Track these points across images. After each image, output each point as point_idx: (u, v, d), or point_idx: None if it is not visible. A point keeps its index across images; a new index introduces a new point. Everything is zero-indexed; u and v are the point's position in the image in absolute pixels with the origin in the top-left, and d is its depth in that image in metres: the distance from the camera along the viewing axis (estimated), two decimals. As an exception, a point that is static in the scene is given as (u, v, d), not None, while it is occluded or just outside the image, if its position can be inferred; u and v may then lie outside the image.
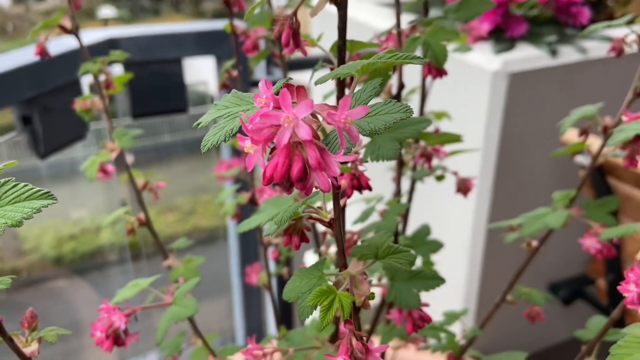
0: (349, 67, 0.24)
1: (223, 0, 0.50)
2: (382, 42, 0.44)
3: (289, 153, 0.18)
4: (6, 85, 0.66)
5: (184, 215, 9.10)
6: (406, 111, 0.23)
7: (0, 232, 0.23)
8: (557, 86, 0.87)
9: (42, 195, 0.24)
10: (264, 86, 0.19)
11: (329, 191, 0.19)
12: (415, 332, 0.38)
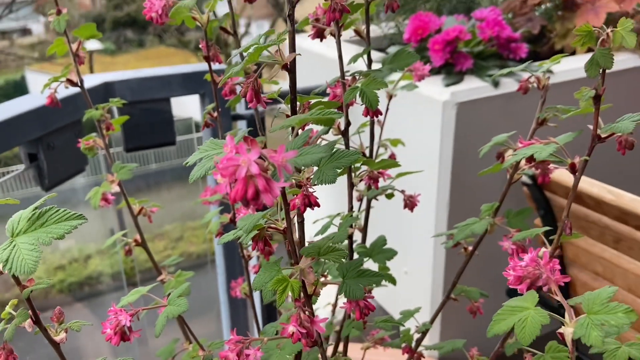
0: (291, 121, 0.35)
1: (203, 56, 0.61)
2: (332, 89, 0.55)
3: (245, 182, 0.28)
4: (16, 128, 0.76)
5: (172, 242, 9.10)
6: (325, 151, 0.33)
7: (49, 242, 0.33)
8: (499, 113, 0.99)
9: (76, 216, 0.34)
10: (229, 139, 0.29)
11: (272, 206, 0.29)
12: (362, 318, 0.48)
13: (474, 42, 1.04)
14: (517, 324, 0.37)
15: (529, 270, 0.41)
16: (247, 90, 0.40)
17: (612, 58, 0.45)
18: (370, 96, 0.48)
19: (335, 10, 0.42)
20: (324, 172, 0.41)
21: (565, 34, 1.19)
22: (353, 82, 0.52)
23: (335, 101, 0.49)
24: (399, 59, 0.56)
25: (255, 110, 0.62)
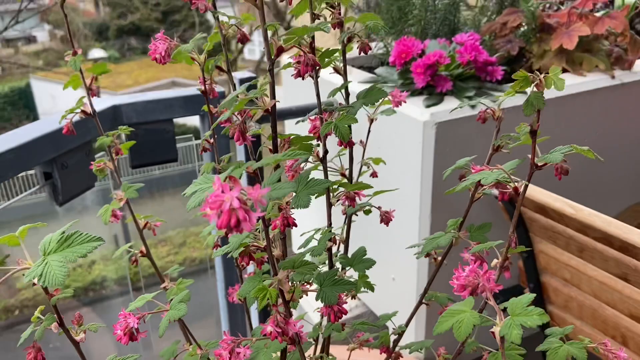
0: (268, 160, 0.43)
1: (200, 90, 0.69)
2: (312, 121, 0.63)
3: (229, 214, 0.36)
4: (34, 150, 0.84)
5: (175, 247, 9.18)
6: (292, 186, 0.42)
7: (74, 260, 0.41)
8: (476, 131, 1.07)
9: (96, 239, 0.42)
10: (217, 179, 0.37)
11: (250, 231, 0.37)
12: (336, 321, 0.56)
13: (453, 65, 1.12)
14: (455, 325, 0.45)
15: (470, 280, 0.49)
16: (234, 132, 0.48)
17: (543, 100, 0.53)
18: (342, 130, 0.57)
19: (308, 65, 0.50)
20: (300, 198, 0.49)
21: (542, 54, 1.28)
22: (330, 116, 0.60)
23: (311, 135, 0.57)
24: (371, 95, 0.64)
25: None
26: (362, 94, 0.66)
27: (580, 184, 1.26)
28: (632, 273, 0.84)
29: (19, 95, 14.04)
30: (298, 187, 0.49)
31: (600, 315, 0.97)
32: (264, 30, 0.47)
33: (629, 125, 1.26)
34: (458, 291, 0.50)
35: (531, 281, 1.09)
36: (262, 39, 0.55)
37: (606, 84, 1.19)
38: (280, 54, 0.48)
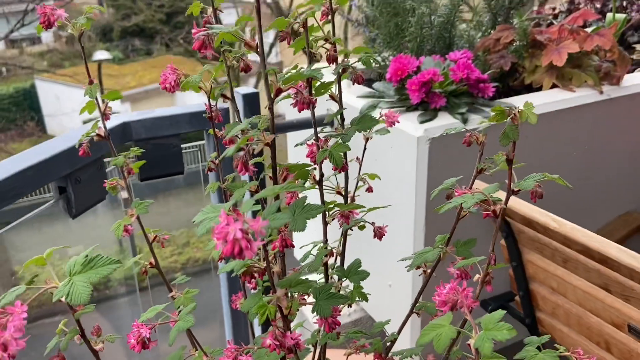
0: (266, 192, 0.48)
1: (207, 116, 0.75)
2: (309, 146, 0.68)
3: (233, 243, 0.41)
4: (50, 167, 0.90)
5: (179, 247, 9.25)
6: (288, 217, 0.47)
7: (96, 280, 0.47)
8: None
9: (115, 261, 0.47)
10: (223, 213, 0.43)
11: (251, 258, 0.43)
12: (330, 332, 0.61)
13: (447, 82, 1.17)
14: (435, 338, 0.50)
15: (450, 297, 0.54)
16: (237, 163, 0.53)
17: (518, 132, 0.59)
18: (336, 158, 0.62)
19: (304, 103, 0.55)
20: (297, 222, 0.54)
21: (534, 70, 1.33)
22: (325, 144, 0.66)
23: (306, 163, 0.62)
24: (364, 122, 0.69)
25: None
26: (356, 121, 0.71)
27: (572, 194, 1.31)
28: (612, 283, 0.89)
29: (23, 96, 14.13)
30: (295, 212, 0.55)
31: (585, 323, 1.02)
32: (264, 74, 0.53)
33: (618, 138, 1.31)
34: (439, 307, 0.55)
35: (521, 289, 1.14)
36: (265, 40, 0.60)
37: (595, 99, 1.24)
38: (279, 94, 0.53)
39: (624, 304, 0.90)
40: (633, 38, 1.68)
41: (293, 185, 0.48)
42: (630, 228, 1.39)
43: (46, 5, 0.66)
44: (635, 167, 1.37)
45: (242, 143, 0.51)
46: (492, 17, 1.40)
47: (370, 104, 1.23)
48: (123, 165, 0.78)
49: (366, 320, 1.46)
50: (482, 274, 0.66)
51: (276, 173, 0.55)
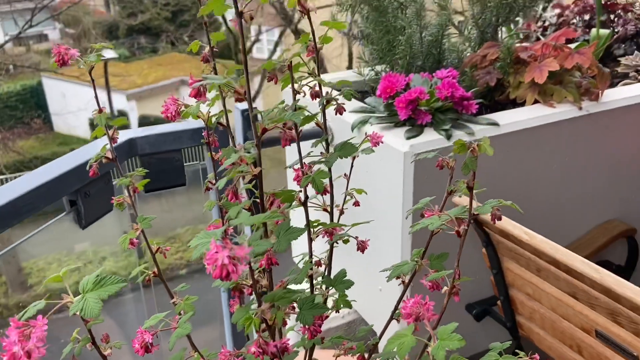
0: (253, 219, 0.56)
1: (205, 142, 0.83)
2: (295, 170, 0.76)
3: (221, 267, 0.49)
4: (63, 183, 0.98)
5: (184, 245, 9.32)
6: (269, 244, 0.55)
7: (106, 297, 0.54)
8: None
9: (121, 280, 0.55)
10: (213, 242, 0.50)
11: (237, 279, 0.50)
12: (312, 338, 0.69)
13: (433, 99, 1.24)
14: (398, 346, 0.58)
15: (414, 309, 0.62)
16: (228, 193, 0.61)
17: (476, 163, 0.66)
18: (318, 183, 0.70)
19: (287, 140, 0.63)
20: (281, 243, 0.62)
21: (518, 86, 1.40)
22: (309, 170, 0.73)
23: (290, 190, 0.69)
24: (345, 149, 0.76)
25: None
26: (338, 147, 0.78)
27: (555, 203, 1.38)
28: (579, 292, 0.97)
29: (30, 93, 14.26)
30: (280, 234, 0.62)
31: (558, 327, 1.09)
32: (252, 114, 0.60)
33: (597, 151, 1.38)
34: (405, 318, 0.63)
35: (501, 294, 1.22)
36: (270, 39, 0.67)
37: (574, 115, 1.31)
38: (265, 133, 0.61)
39: (590, 311, 0.97)
40: (619, 51, 1.75)
41: (276, 215, 0.56)
42: (610, 235, 1.46)
43: (61, 45, 0.74)
44: (614, 178, 1.44)
45: (232, 176, 0.59)
46: (479, 34, 1.47)
47: (361, 119, 1.31)
48: (129, 184, 0.86)
49: (359, 322, 1.54)
50: (449, 285, 0.73)
51: (263, 202, 0.63)
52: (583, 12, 1.79)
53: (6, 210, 0.87)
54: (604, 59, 1.76)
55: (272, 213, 0.56)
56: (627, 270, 1.56)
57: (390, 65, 1.50)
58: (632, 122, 1.38)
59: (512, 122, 1.25)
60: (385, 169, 1.23)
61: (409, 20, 1.37)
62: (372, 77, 1.55)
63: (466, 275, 1.25)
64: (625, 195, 1.47)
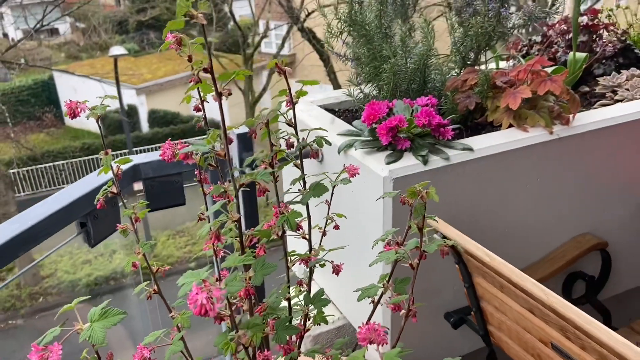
0: (232, 261, 0.67)
1: (197, 180, 0.94)
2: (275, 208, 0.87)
3: (200, 306, 0.61)
4: (74, 209, 1.10)
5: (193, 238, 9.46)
6: (242, 285, 0.66)
7: (110, 327, 0.66)
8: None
9: (123, 312, 0.67)
10: (194, 285, 0.62)
11: (214, 315, 0.62)
12: (286, 355, 0.81)
13: (412, 126, 1.35)
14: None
15: (367, 334, 0.73)
16: (211, 235, 0.72)
17: (424, 208, 0.77)
18: (291, 222, 0.81)
19: (261, 191, 0.74)
20: (257, 277, 0.74)
21: (495, 110, 1.50)
22: (286, 209, 0.85)
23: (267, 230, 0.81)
24: (317, 190, 0.88)
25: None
26: (312, 187, 0.90)
27: (529, 218, 1.49)
28: (534, 309, 1.07)
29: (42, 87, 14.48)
30: (256, 269, 0.74)
31: (522, 338, 1.20)
32: (231, 173, 0.72)
33: (567, 172, 1.47)
34: (360, 342, 0.74)
35: (474, 306, 1.33)
36: (278, 33, 0.76)
37: (545, 139, 1.41)
38: (242, 186, 0.72)
39: (545, 325, 1.08)
40: (599, 70, 1.84)
41: (249, 259, 0.67)
42: (582, 249, 1.56)
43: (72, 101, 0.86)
44: (586, 195, 1.54)
45: (215, 225, 0.70)
46: (461, 59, 1.57)
47: (347, 143, 1.43)
48: (131, 215, 0.98)
49: (347, 328, 1.66)
50: (405, 309, 0.84)
51: (243, 244, 0.75)
52: (566, 32, 1.87)
53: (25, 236, 0.99)
54: (585, 77, 1.86)
55: (245, 257, 0.68)
56: (601, 281, 1.66)
57: (378, 89, 1.60)
58: (601, 145, 1.48)
59: (485, 147, 1.36)
60: (368, 190, 1.34)
61: (393, 50, 1.47)
62: (361, 98, 1.66)
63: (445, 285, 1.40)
64: (597, 211, 1.57)
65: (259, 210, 1.53)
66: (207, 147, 0.72)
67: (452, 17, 1.57)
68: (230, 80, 0.69)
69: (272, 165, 0.80)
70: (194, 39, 0.84)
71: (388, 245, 0.85)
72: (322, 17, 1.60)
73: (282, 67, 0.81)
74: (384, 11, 1.50)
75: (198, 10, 0.58)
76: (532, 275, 1.04)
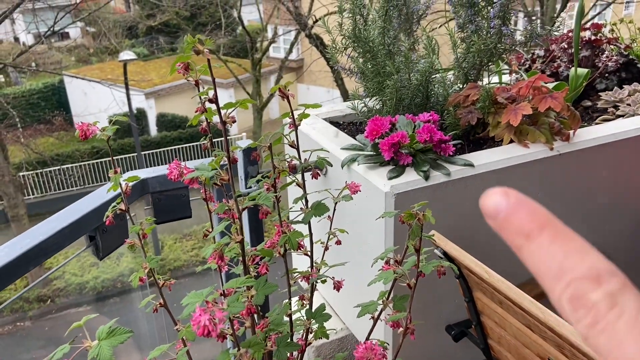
0: (231, 284, 0.70)
1: (202, 198, 0.97)
2: (276, 226, 0.90)
3: (203, 327, 0.64)
4: (84, 223, 1.14)
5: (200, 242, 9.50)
6: (242, 307, 0.69)
7: (117, 345, 0.69)
8: (429, 200, 1.32)
9: (128, 331, 0.70)
10: (198, 308, 0.65)
11: (216, 335, 0.65)
12: (287, 370, 0.83)
13: (414, 142, 1.37)
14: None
15: (365, 354, 0.76)
16: (214, 255, 0.75)
17: (421, 231, 0.79)
18: (293, 242, 0.84)
19: (264, 213, 0.77)
20: (258, 296, 0.76)
21: (496, 125, 1.52)
22: (288, 228, 0.87)
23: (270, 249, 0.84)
24: (319, 209, 0.90)
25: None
26: (314, 206, 0.93)
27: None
28: (532, 325, 1.09)
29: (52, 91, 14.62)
30: (258, 287, 0.77)
31: (521, 353, 1.22)
32: (234, 197, 0.74)
33: (567, 188, 1.49)
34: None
35: (474, 320, 1.35)
36: (286, 37, 0.79)
37: (545, 155, 1.43)
38: (245, 209, 0.75)
39: (543, 342, 1.10)
40: (601, 85, 1.85)
41: (250, 281, 0.70)
42: (583, 262, 1.58)
43: (83, 123, 0.89)
44: (585, 210, 1.55)
45: (218, 246, 0.73)
46: (463, 75, 1.59)
47: (350, 157, 1.46)
48: (139, 231, 1.01)
49: (350, 337, 1.68)
50: (403, 328, 0.87)
51: (246, 261, 0.77)
52: (568, 47, 1.89)
53: (36, 251, 1.02)
54: (587, 91, 1.88)
55: (247, 279, 0.70)
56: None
57: (381, 103, 1.63)
58: (602, 161, 1.50)
59: (486, 163, 1.38)
60: (371, 204, 1.36)
61: (397, 66, 1.50)
62: (365, 112, 1.68)
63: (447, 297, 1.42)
64: (596, 225, 1.59)
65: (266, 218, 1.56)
66: (211, 172, 0.75)
67: (455, 33, 1.60)
68: (236, 107, 0.72)
69: (275, 187, 0.82)
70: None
71: (387, 264, 0.87)
72: (327, 33, 1.63)
73: (285, 92, 0.84)
74: (387, 28, 1.53)
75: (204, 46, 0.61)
76: (533, 290, 1.06)
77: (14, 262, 0.97)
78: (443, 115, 1.59)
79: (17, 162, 11.93)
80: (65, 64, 15.03)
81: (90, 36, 16.37)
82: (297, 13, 7.24)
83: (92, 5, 11.53)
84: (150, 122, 14.03)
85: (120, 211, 1.00)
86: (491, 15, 1.50)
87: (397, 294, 0.98)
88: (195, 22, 12.41)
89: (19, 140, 11.74)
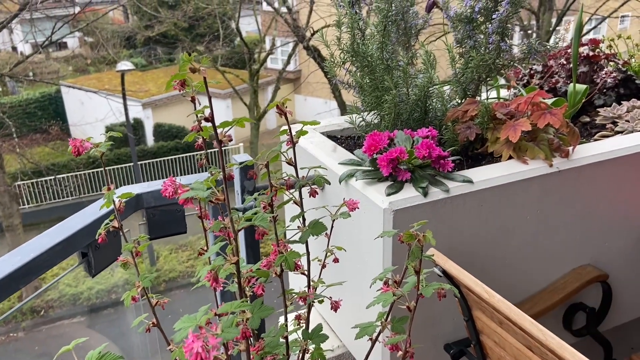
0: (226, 308, 0.68)
1: (198, 216, 0.95)
2: (273, 245, 0.88)
3: (196, 354, 0.61)
4: (76, 239, 1.12)
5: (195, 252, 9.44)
6: (237, 332, 0.67)
7: (107, 369, 0.67)
8: (428, 217, 1.31)
9: (118, 357, 0.68)
10: (190, 333, 0.63)
11: None
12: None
13: (412, 158, 1.36)
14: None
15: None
16: (209, 278, 0.73)
17: (421, 252, 0.77)
18: (290, 262, 0.82)
19: (260, 234, 0.75)
20: (254, 319, 0.74)
21: (495, 141, 1.51)
22: (284, 248, 0.86)
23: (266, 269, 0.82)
24: (316, 228, 0.89)
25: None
26: (311, 225, 0.91)
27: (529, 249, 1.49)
28: (532, 346, 1.07)
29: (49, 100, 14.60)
30: (254, 311, 0.75)
31: (520, 373, 1.20)
32: (230, 217, 0.73)
33: (567, 204, 1.48)
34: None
35: (473, 339, 1.33)
36: (284, 49, 0.78)
37: (545, 172, 1.41)
38: (241, 229, 0.73)
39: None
40: (599, 101, 1.85)
41: (246, 305, 0.68)
42: (583, 280, 1.56)
43: (77, 139, 0.87)
44: (586, 227, 1.54)
45: (213, 267, 0.71)
46: (461, 90, 1.58)
47: (348, 173, 1.44)
48: (132, 249, 0.99)
49: (347, 355, 1.65)
50: (402, 351, 0.85)
51: (241, 283, 0.75)
52: (567, 63, 1.89)
53: (27, 269, 1.00)
54: (586, 107, 1.87)
55: (242, 302, 0.68)
56: (601, 312, 1.66)
57: (380, 117, 1.62)
58: (601, 177, 1.49)
59: (485, 179, 1.36)
60: (369, 220, 1.35)
61: (395, 81, 1.49)
62: (363, 126, 1.67)
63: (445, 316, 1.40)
64: (597, 242, 1.57)
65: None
66: (207, 192, 0.73)
67: (453, 48, 1.59)
68: (232, 125, 0.71)
69: (272, 207, 0.81)
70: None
71: (386, 285, 0.85)
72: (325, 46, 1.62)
73: (282, 109, 0.83)
74: (385, 43, 1.52)
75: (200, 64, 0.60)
76: (533, 307, 1.04)
77: (3, 281, 0.95)
78: (441, 130, 1.57)
79: (12, 171, 11.88)
80: (62, 74, 15.04)
81: (88, 46, 16.40)
82: (295, 25, 7.27)
83: (90, 15, 11.55)
84: (147, 132, 14.02)
85: (113, 228, 0.98)
86: (489, 31, 1.49)
87: (396, 315, 0.96)
88: (194, 33, 12.44)
89: (14, 149, 11.69)
